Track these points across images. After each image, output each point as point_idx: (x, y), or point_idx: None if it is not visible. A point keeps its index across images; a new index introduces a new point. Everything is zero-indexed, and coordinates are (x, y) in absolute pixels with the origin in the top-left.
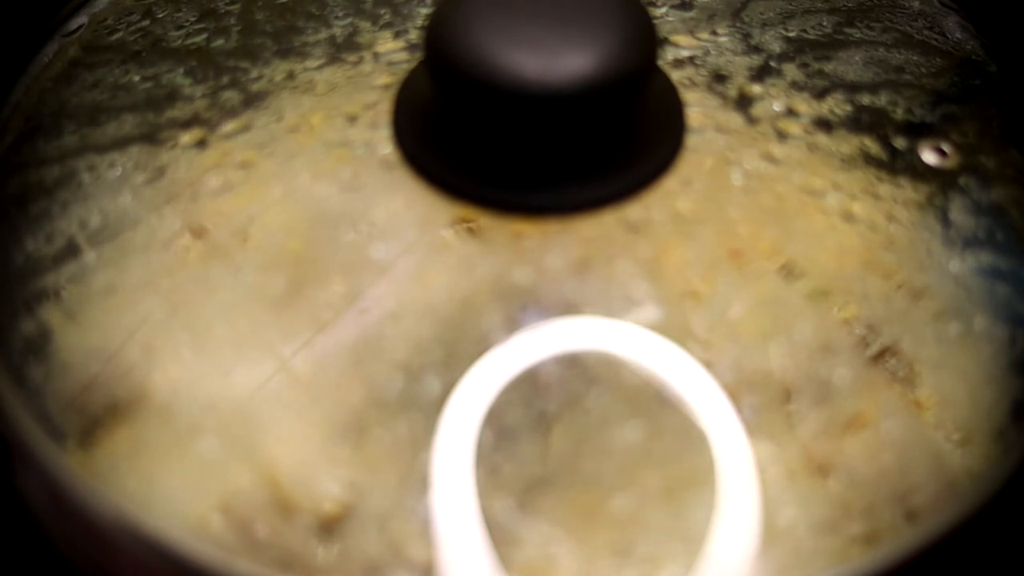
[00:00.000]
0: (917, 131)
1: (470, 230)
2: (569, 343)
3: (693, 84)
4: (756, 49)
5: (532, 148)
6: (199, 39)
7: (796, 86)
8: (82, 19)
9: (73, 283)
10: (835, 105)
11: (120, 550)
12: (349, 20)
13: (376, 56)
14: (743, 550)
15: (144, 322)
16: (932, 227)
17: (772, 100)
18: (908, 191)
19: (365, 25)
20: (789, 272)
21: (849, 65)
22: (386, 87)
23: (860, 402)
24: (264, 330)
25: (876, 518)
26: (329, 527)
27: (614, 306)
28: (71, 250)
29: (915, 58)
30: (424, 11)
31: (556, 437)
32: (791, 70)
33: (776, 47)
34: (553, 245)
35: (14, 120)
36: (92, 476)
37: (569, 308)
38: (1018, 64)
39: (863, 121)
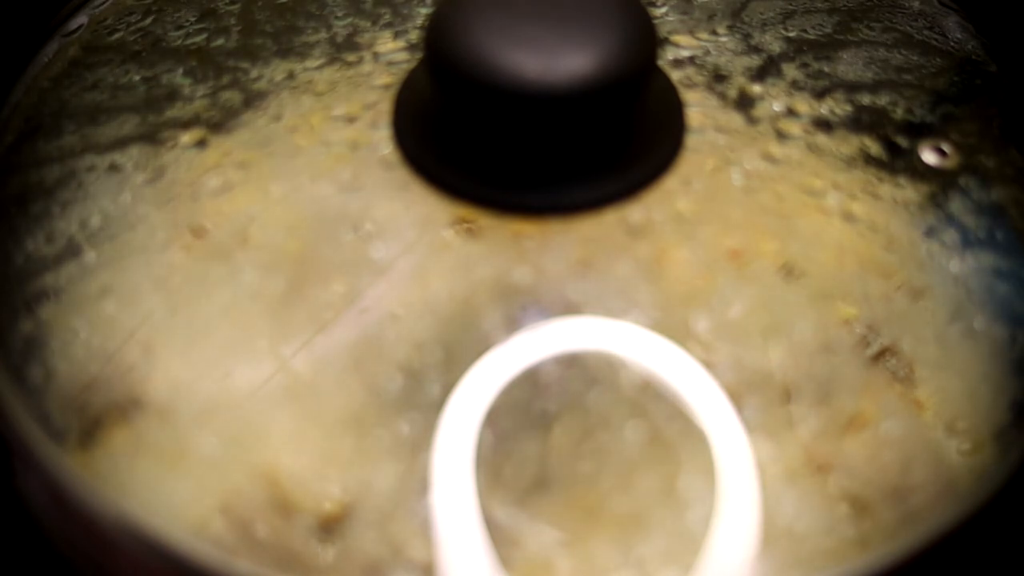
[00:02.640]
0: (917, 131)
1: (470, 230)
2: (569, 343)
3: (693, 84)
4: (756, 49)
5: (532, 148)
6: (199, 39)
7: (796, 86)
8: (82, 19)
9: (73, 283)
10: (835, 105)
11: (120, 550)
12: (349, 20)
13: (376, 56)
14: (743, 550)
15: (144, 322)
16: (932, 227)
17: (772, 100)
18: (908, 191)
19: (365, 25)
20: (789, 272)
21: (849, 65)
22: (386, 87)
23: (860, 402)
24: (264, 330)
25: (876, 518)
26: (329, 527)
27: (614, 306)
28: (71, 250)
29: (915, 58)
30: (424, 11)
31: (556, 437)
32: (791, 70)
33: (776, 47)
34: (553, 245)
35: (14, 120)
36: (92, 476)
37: (569, 308)
38: (1018, 64)
39: (863, 121)
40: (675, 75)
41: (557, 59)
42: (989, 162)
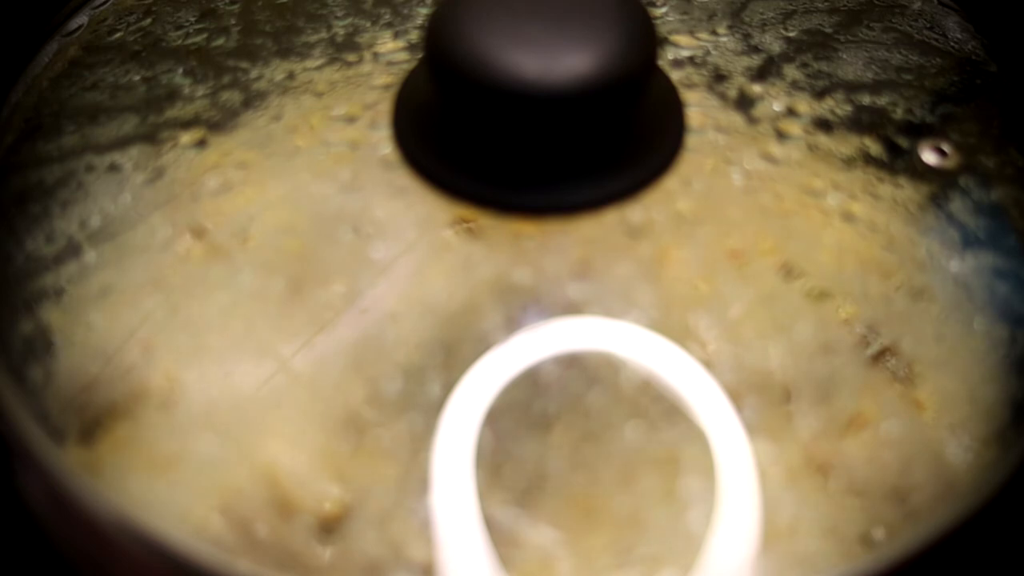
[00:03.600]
0: (917, 131)
1: (470, 230)
2: (569, 343)
3: (693, 84)
4: (756, 49)
5: (532, 148)
6: (199, 39)
7: (796, 86)
8: (82, 19)
9: (73, 283)
10: (835, 105)
11: (120, 550)
12: (349, 20)
13: (376, 56)
14: (743, 550)
15: (144, 322)
16: (932, 227)
17: (772, 100)
18: (908, 191)
19: (365, 25)
20: (789, 272)
21: (849, 65)
22: (386, 87)
23: (860, 402)
24: (264, 330)
25: (876, 518)
26: (329, 527)
27: (614, 306)
28: (71, 250)
29: (915, 58)
30: (424, 11)
31: (556, 437)
32: (791, 70)
33: (776, 47)
34: (553, 245)
35: (14, 120)
36: (92, 476)
37: (569, 308)
38: (1018, 64)
39: (863, 121)
40: (675, 75)
41: (557, 59)
42: (989, 162)
